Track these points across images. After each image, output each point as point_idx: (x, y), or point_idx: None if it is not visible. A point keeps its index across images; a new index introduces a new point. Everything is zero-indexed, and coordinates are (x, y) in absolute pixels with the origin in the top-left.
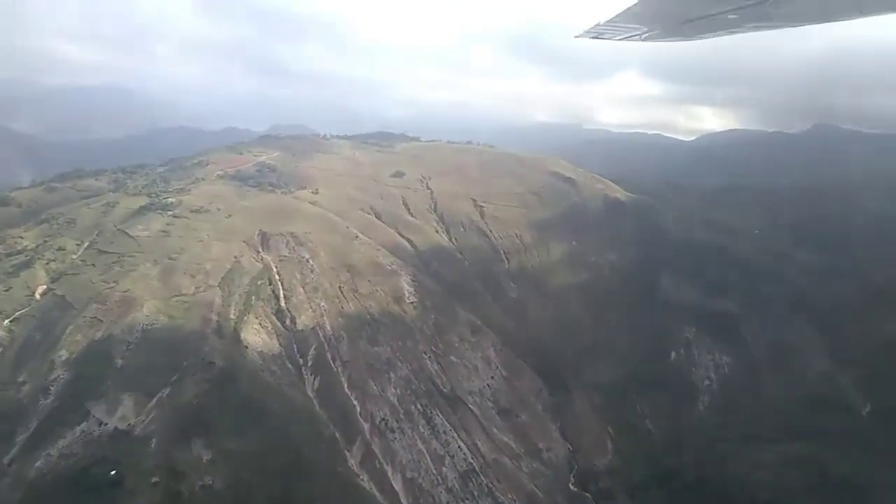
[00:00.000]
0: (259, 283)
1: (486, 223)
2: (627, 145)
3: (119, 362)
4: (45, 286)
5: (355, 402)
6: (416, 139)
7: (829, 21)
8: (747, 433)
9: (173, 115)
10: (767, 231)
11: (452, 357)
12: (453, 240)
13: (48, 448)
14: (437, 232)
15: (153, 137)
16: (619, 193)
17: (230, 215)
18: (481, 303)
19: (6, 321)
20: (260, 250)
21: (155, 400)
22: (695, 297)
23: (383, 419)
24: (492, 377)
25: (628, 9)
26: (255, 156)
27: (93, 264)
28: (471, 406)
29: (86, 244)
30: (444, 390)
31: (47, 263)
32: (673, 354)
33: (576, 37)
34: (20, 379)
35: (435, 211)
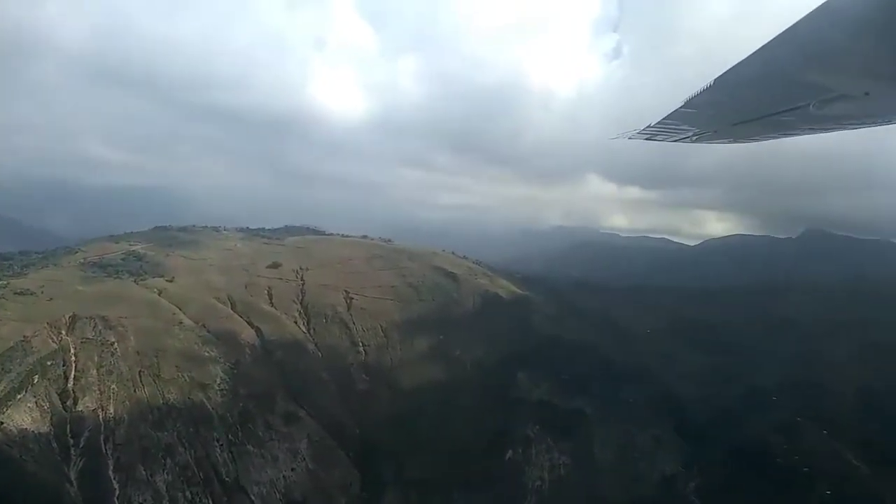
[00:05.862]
0: (49, 363)
1: (350, 315)
2: (629, 249)
3: None
4: None
5: (116, 486)
6: (322, 232)
7: (878, 125)
8: None
9: (189, 213)
10: (662, 332)
11: (250, 446)
12: (311, 331)
13: None
14: (294, 323)
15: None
16: (501, 289)
17: (51, 299)
18: (318, 394)
19: None
20: (63, 332)
21: None
22: (547, 396)
23: None
24: (292, 469)
25: (677, 110)
26: (130, 245)
27: None
28: (252, 496)
29: None
30: (227, 479)
31: None
32: (510, 452)
33: (611, 139)
34: None
35: (301, 302)
